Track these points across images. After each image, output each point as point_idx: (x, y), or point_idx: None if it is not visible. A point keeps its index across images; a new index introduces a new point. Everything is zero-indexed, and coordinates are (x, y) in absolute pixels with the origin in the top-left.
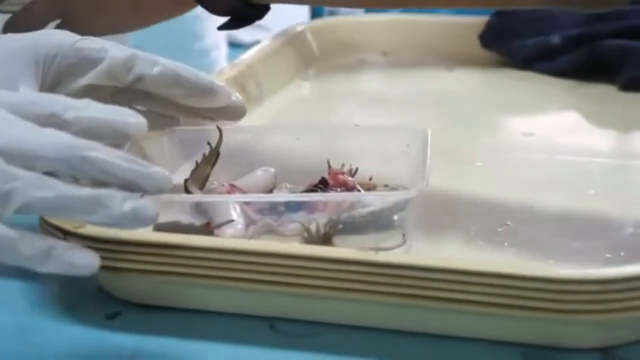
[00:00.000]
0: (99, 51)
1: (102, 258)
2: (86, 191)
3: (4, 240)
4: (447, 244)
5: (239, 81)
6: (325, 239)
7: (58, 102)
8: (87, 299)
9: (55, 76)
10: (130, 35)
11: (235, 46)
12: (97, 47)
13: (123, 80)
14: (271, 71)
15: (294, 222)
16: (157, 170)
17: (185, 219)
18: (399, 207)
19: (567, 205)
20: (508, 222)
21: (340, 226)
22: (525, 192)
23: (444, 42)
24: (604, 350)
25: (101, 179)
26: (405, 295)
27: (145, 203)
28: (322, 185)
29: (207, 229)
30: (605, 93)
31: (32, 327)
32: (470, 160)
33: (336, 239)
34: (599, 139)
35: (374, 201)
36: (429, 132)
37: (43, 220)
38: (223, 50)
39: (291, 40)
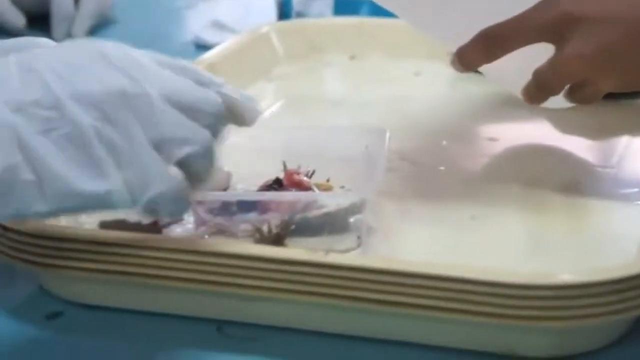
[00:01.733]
0: None
1: (43, 255)
2: None
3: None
4: (404, 247)
5: None
6: (278, 240)
7: (200, 71)
8: (27, 298)
9: None
10: None
11: (202, 47)
12: None
13: None
14: (234, 71)
15: (245, 223)
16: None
17: (132, 216)
18: (354, 209)
19: (530, 209)
20: (468, 226)
21: (293, 227)
22: (487, 196)
23: (412, 46)
24: None
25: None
26: (354, 299)
27: None
28: (277, 185)
29: (155, 227)
30: None
31: None
32: (432, 165)
33: (289, 241)
34: (567, 144)
35: (328, 202)
36: (388, 133)
37: None
38: (190, 51)
39: (256, 40)
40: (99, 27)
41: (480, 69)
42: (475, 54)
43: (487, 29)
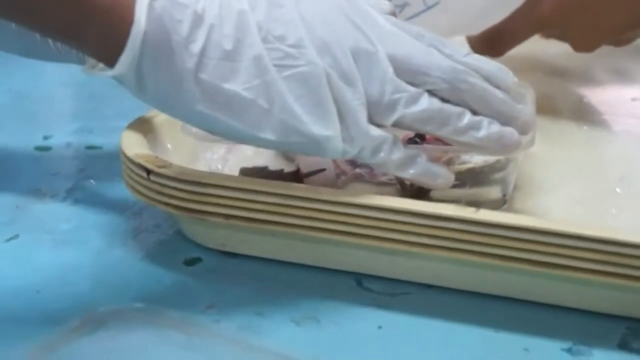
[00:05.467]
0: None
1: (185, 200)
2: (455, 109)
3: (383, 140)
4: (548, 207)
5: None
6: (420, 193)
7: (437, 38)
8: (166, 243)
9: None
10: None
11: None
12: None
13: None
14: None
15: (386, 175)
16: (524, 108)
17: (275, 165)
18: (499, 166)
19: None
20: (617, 189)
21: None
22: (636, 157)
23: None
24: None
25: (475, 105)
26: (504, 257)
27: (511, 130)
28: (418, 138)
29: (296, 176)
30: None
31: (112, 266)
32: (575, 123)
33: (433, 192)
34: None
35: (473, 158)
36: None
37: (126, 157)
38: None
39: None
40: None
41: None
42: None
43: (491, 29)
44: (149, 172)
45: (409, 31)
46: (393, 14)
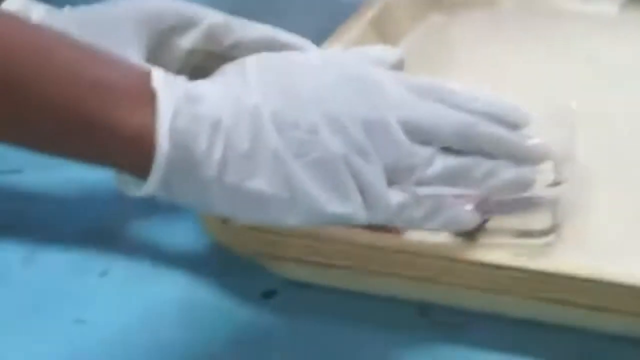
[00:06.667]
0: (199, 12)
1: (262, 243)
2: (469, 161)
3: (404, 203)
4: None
5: None
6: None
7: (445, 87)
8: (243, 274)
9: (158, 37)
10: None
11: None
12: (197, 11)
13: (220, 43)
14: None
15: None
16: (536, 143)
17: None
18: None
19: None
20: None
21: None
22: None
23: None
24: None
25: (489, 150)
26: (557, 301)
27: (526, 170)
28: None
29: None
30: None
31: (194, 302)
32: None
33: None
34: None
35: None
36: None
37: None
38: None
39: None
40: None
41: None
42: None
43: None
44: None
45: (417, 88)
46: (400, 63)
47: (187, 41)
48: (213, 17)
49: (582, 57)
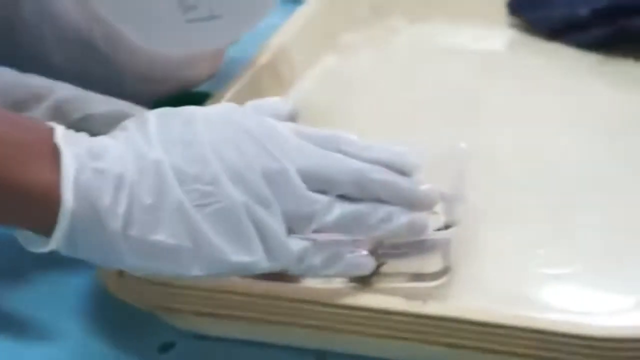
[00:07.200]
0: (48, 86)
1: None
2: (365, 208)
3: (304, 251)
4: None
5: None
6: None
7: (343, 138)
8: (139, 327)
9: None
10: None
11: None
12: (45, 84)
13: (69, 117)
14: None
15: None
16: (429, 187)
17: None
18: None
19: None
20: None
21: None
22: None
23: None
24: None
25: (383, 197)
26: (453, 345)
27: (419, 215)
28: None
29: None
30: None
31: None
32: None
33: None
34: None
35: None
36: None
37: None
38: None
39: None
40: None
41: None
42: None
43: None
44: (120, 274)
45: (314, 139)
46: (292, 115)
47: (35, 115)
48: (62, 91)
49: (471, 97)
